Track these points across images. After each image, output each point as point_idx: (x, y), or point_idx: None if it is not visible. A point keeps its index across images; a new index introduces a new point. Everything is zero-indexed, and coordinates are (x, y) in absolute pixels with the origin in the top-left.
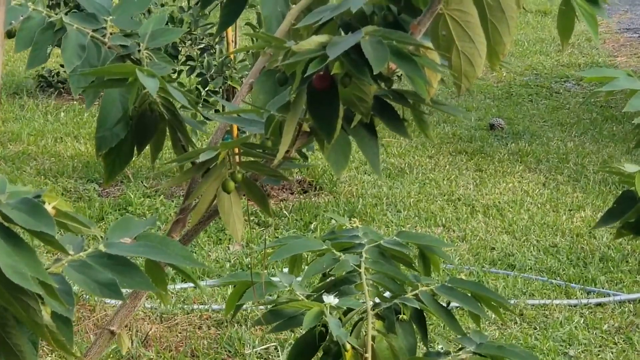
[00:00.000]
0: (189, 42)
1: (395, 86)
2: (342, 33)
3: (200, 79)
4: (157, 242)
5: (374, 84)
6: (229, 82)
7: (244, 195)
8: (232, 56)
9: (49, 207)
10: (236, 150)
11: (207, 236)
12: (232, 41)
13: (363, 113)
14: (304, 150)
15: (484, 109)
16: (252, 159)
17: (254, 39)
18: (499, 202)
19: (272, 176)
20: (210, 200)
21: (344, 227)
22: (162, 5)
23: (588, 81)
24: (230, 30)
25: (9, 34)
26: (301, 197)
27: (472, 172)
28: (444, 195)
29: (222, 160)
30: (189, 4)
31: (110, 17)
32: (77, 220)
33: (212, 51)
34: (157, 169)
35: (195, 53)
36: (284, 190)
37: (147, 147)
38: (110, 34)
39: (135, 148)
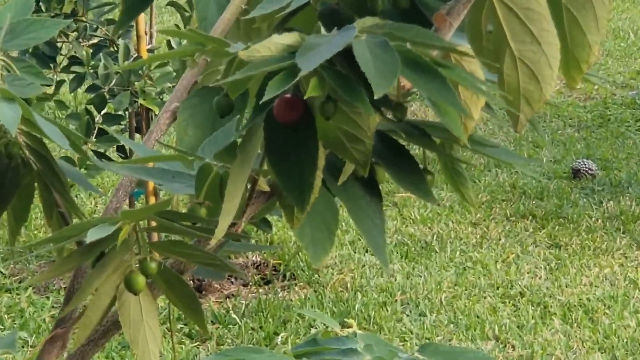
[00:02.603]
0: (75, 33)
1: (410, 114)
2: (323, 28)
3: (92, 96)
4: None
5: (376, 114)
6: (140, 102)
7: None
8: (145, 56)
9: None
10: (151, 222)
11: (105, 356)
12: (146, 33)
13: (358, 161)
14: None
15: (563, 145)
16: (175, 237)
17: (179, 39)
18: (588, 299)
19: (208, 265)
20: (107, 305)
21: (333, 335)
22: None
23: None
24: (142, 15)
25: None
26: (261, 290)
27: (544, 249)
28: (498, 288)
29: (126, 240)
30: None
31: None
32: None
33: (112, 49)
34: (21, 242)
35: (84, 52)
36: (233, 279)
37: (3, 215)
38: None
39: None
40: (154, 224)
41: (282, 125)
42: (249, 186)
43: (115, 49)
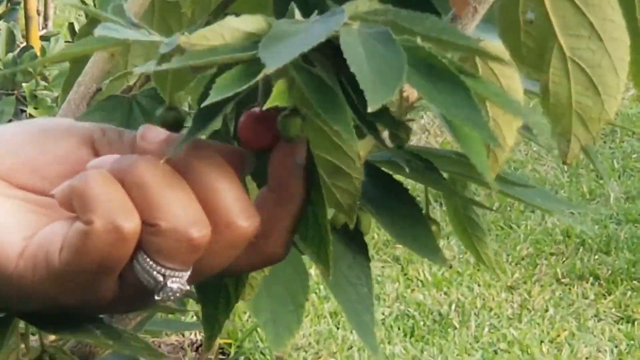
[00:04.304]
0: None
1: (419, 130)
2: (298, 12)
3: None
4: None
5: (370, 136)
6: (29, 111)
7: None
8: (37, 47)
9: None
10: None
11: None
12: (38, 12)
13: (341, 204)
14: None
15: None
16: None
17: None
18: None
19: (124, 349)
20: None
21: None
22: None
23: None
24: None
25: None
26: None
27: (611, 323)
28: None
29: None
30: None
31: None
32: None
33: None
34: None
35: None
36: None
37: None
38: None
39: None
40: None
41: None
42: None
43: None
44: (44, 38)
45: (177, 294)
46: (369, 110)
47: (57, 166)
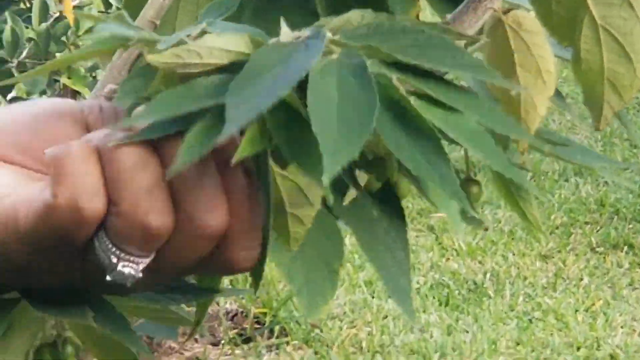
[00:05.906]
0: None
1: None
2: (285, 26)
3: None
4: None
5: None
6: (62, 81)
7: None
8: (70, 17)
9: None
10: None
11: None
12: None
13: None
14: None
15: None
16: None
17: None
18: None
19: (156, 320)
20: None
21: None
22: None
23: None
24: None
25: None
26: (238, 351)
27: None
28: (579, 349)
29: None
30: None
31: None
32: None
33: (23, 5)
34: None
35: None
36: (198, 335)
37: None
38: None
39: None
40: None
41: None
42: None
43: (28, 5)
44: (78, 7)
45: (129, 280)
46: (324, 179)
47: (48, 147)
